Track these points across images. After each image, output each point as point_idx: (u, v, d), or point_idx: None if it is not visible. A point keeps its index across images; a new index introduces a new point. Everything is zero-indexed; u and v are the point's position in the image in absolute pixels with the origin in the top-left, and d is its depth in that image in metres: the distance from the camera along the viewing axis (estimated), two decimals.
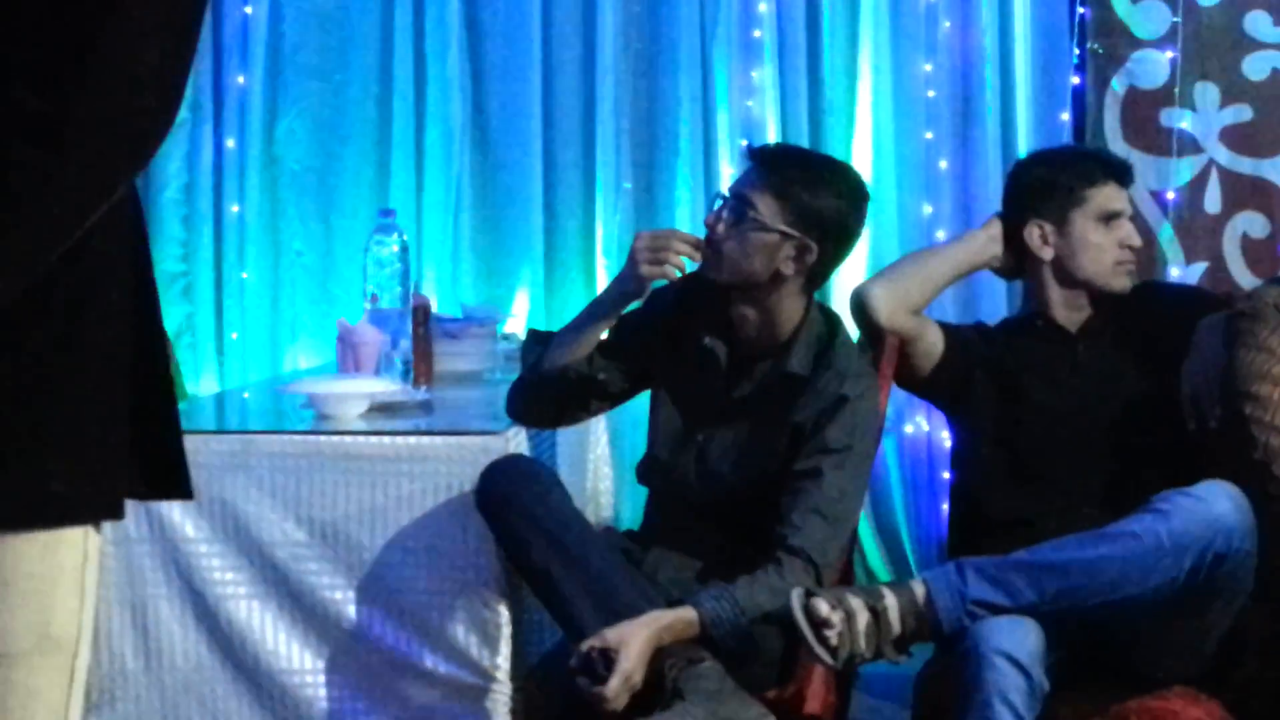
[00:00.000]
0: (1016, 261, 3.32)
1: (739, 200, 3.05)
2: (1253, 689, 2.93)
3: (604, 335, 3.17)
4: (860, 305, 3.26)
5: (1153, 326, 3.25)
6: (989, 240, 3.33)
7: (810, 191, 3.02)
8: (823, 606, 2.73)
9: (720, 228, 3.05)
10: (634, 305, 3.16)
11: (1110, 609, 2.78)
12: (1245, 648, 2.92)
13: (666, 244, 3.07)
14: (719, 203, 3.11)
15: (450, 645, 3.04)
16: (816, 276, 3.10)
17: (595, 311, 3.20)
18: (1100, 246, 3.24)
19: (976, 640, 2.74)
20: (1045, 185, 3.27)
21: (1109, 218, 3.25)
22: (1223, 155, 4.19)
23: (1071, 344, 3.26)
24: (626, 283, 3.12)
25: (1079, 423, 3.19)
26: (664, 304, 3.16)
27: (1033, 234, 3.26)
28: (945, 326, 3.32)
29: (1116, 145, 4.21)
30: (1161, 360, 3.19)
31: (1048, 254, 3.25)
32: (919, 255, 3.49)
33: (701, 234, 3.10)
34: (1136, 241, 3.30)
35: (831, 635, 2.73)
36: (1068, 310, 3.27)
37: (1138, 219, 3.44)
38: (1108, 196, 3.26)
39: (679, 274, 3.06)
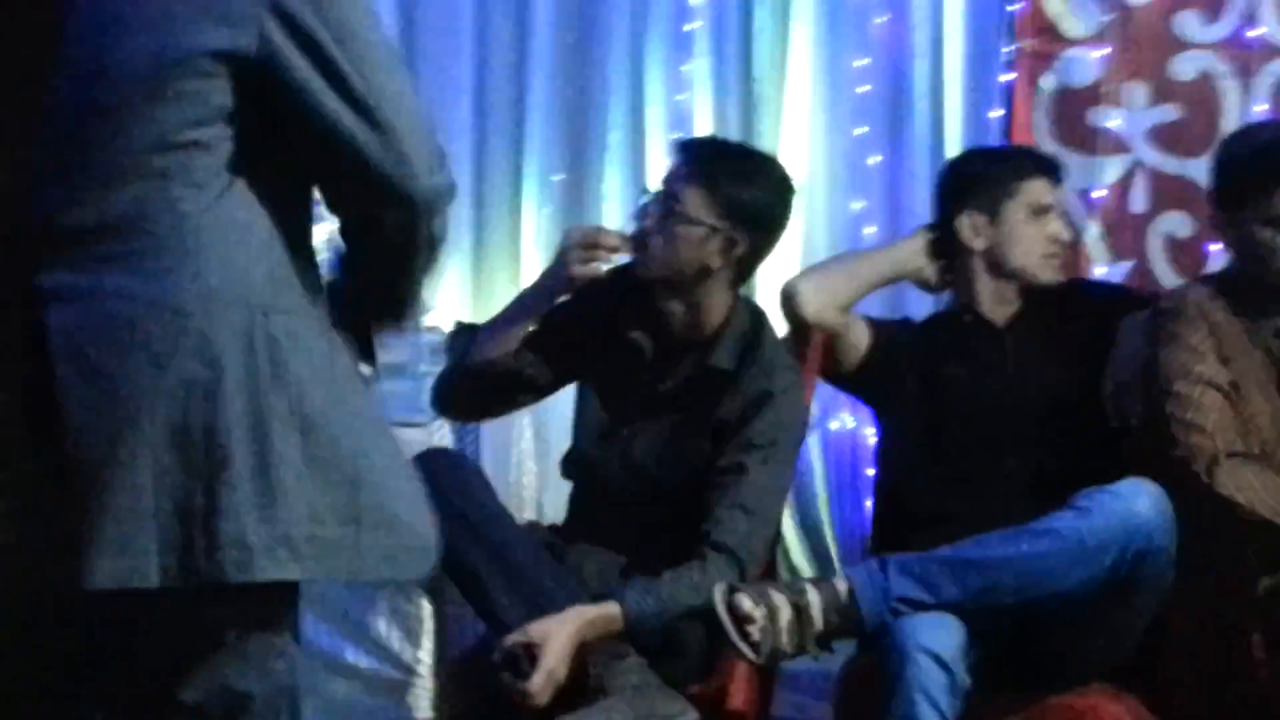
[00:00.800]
0: (944, 266, 3.33)
1: (667, 194, 3.05)
2: (1172, 686, 2.95)
3: (531, 328, 3.16)
4: (788, 299, 3.25)
5: (1079, 323, 3.26)
6: (914, 252, 3.34)
7: (736, 184, 3.01)
8: (746, 602, 2.73)
9: (649, 222, 3.05)
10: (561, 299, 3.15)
11: (1032, 606, 2.79)
12: (1165, 645, 2.94)
13: (596, 241, 3.07)
14: (647, 198, 3.10)
15: (372, 639, 3.02)
16: (744, 270, 3.09)
17: (523, 305, 3.18)
18: (1031, 238, 3.25)
19: (899, 637, 2.74)
20: (978, 177, 3.30)
21: (1039, 211, 3.27)
22: (1150, 155, 4.21)
23: (999, 338, 3.27)
24: (555, 278, 3.12)
25: (1004, 418, 3.19)
26: (591, 298, 3.14)
27: (964, 225, 3.27)
28: (871, 322, 3.32)
29: (1045, 143, 4.23)
30: (1087, 357, 3.21)
31: (979, 244, 3.26)
32: (847, 256, 3.51)
33: (631, 228, 3.09)
34: (1066, 236, 3.32)
35: (754, 631, 2.72)
36: (996, 303, 3.28)
37: (1065, 218, 3.46)
38: (1038, 190, 3.28)
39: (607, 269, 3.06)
